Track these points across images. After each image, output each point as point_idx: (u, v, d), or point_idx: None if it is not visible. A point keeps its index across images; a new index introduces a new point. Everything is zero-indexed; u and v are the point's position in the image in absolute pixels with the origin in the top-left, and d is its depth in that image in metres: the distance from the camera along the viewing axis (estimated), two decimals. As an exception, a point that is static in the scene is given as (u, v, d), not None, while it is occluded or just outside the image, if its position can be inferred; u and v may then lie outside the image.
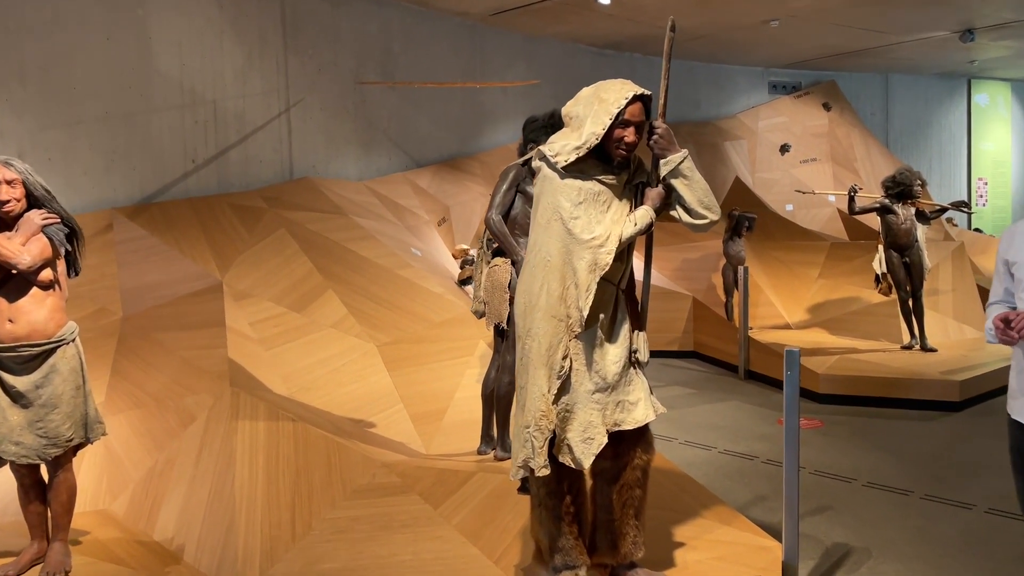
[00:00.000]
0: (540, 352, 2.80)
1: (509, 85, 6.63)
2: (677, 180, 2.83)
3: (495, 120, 9.23)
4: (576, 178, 2.78)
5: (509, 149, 9.24)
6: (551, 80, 9.85)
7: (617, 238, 2.75)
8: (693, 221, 2.87)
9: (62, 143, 5.32)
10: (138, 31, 5.73)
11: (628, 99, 2.75)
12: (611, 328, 2.88)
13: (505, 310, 4.41)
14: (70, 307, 5.26)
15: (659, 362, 8.46)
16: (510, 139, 9.35)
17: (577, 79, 10.26)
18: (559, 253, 2.78)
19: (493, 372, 4.52)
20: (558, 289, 2.79)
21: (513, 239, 4.36)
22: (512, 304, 4.41)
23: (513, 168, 4.46)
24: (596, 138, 2.74)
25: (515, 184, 4.42)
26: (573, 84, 10.24)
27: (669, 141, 2.82)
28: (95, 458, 4.09)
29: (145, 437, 4.11)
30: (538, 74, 9.70)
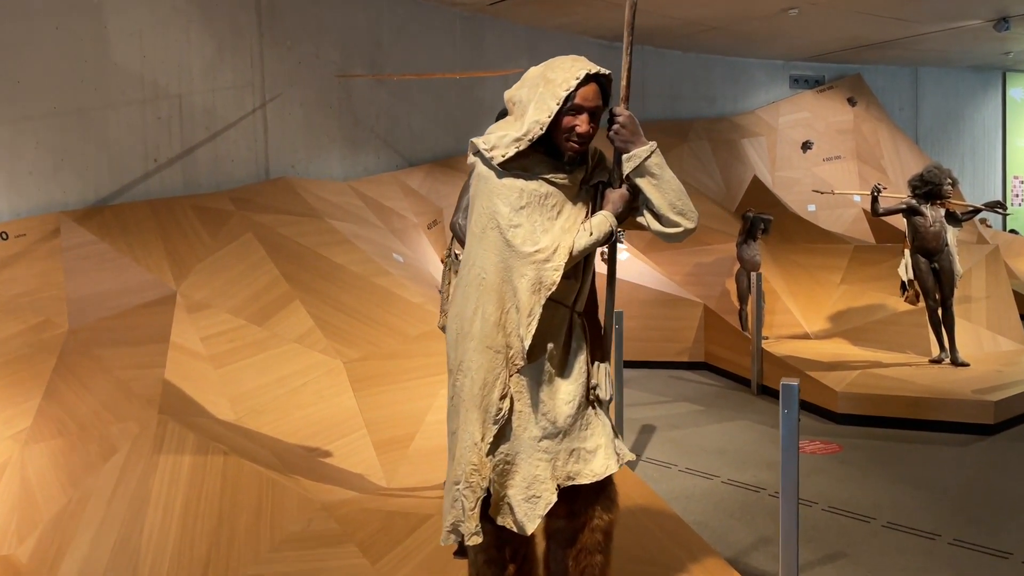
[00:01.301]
0: (473, 391, 2.29)
1: (493, 75, 6.15)
2: (643, 180, 2.30)
3: (494, 115, 8.70)
4: (518, 177, 2.26)
5: (509, 147, 8.73)
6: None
7: (567, 250, 2.23)
8: (664, 229, 2.34)
9: (4, 141, 4.91)
10: (92, 20, 5.30)
11: (579, 79, 2.23)
12: (563, 360, 2.36)
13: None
14: (11, 317, 4.87)
15: (666, 374, 7.91)
16: (510, 136, 8.83)
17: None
18: (496, 269, 2.27)
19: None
20: (495, 314, 2.28)
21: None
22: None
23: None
24: (540, 128, 2.23)
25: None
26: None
27: (632, 131, 2.30)
28: (8, 494, 3.65)
29: (63, 471, 3.66)
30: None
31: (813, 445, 5.53)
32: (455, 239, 3.94)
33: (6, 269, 4.79)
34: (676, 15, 8.99)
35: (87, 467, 3.60)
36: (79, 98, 5.25)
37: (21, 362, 4.47)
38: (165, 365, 4.14)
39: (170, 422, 3.62)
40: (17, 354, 4.50)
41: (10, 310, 4.69)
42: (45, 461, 3.76)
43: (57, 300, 4.88)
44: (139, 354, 4.33)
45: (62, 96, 5.17)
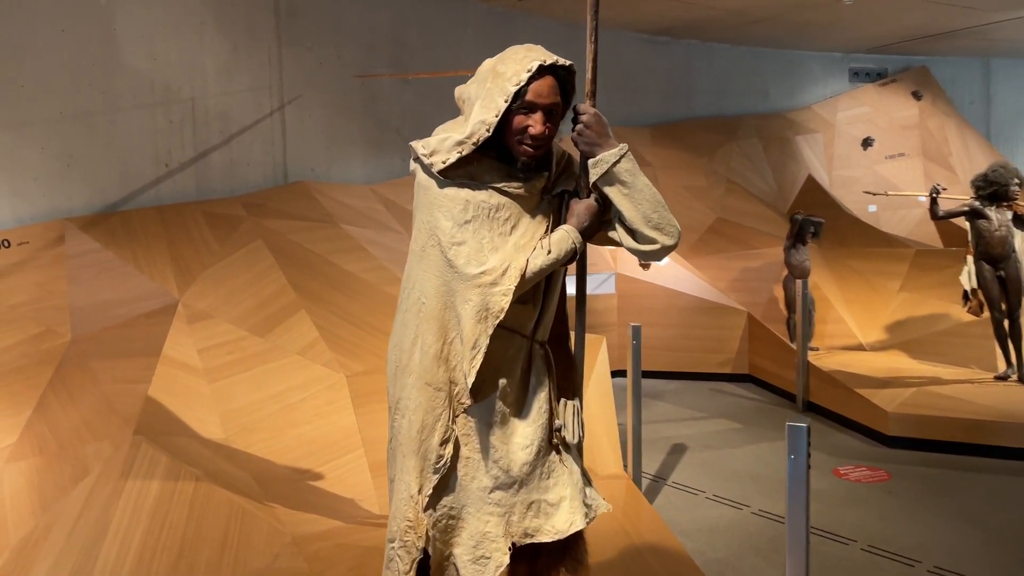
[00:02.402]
0: (410, 434, 1.99)
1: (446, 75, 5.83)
2: (612, 188, 1.96)
3: (529, 116, 8.38)
4: (463, 187, 1.95)
5: (544, 147, 8.40)
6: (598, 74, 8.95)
7: (518, 272, 1.91)
8: (638, 246, 2.00)
9: (7, 146, 4.82)
10: (100, 22, 5.19)
11: (531, 71, 1.91)
12: (520, 397, 2.04)
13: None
14: (12, 327, 4.78)
15: (707, 387, 7.47)
16: (545, 136, 8.50)
17: (625, 71, 9.35)
18: (437, 294, 1.97)
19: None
20: (435, 345, 1.97)
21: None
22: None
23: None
24: (487, 129, 1.91)
25: None
26: (620, 77, 9.25)
27: (599, 132, 1.97)
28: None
29: (36, 492, 3.50)
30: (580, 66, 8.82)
31: (858, 472, 5.05)
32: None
33: (7, 278, 4.70)
34: (723, 6, 8.51)
35: (59, 490, 3.42)
36: (86, 102, 5.14)
37: (17, 374, 4.35)
38: (151, 380, 3.95)
39: (144, 443, 3.42)
40: (14, 365, 4.39)
41: (9, 320, 4.58)
42: (22, 481, 3.61)
43: (60, 309, 4.76)
44: (128, 368, 4.16)
45: (68, 100, 5.07)
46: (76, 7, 5.06)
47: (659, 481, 4.99)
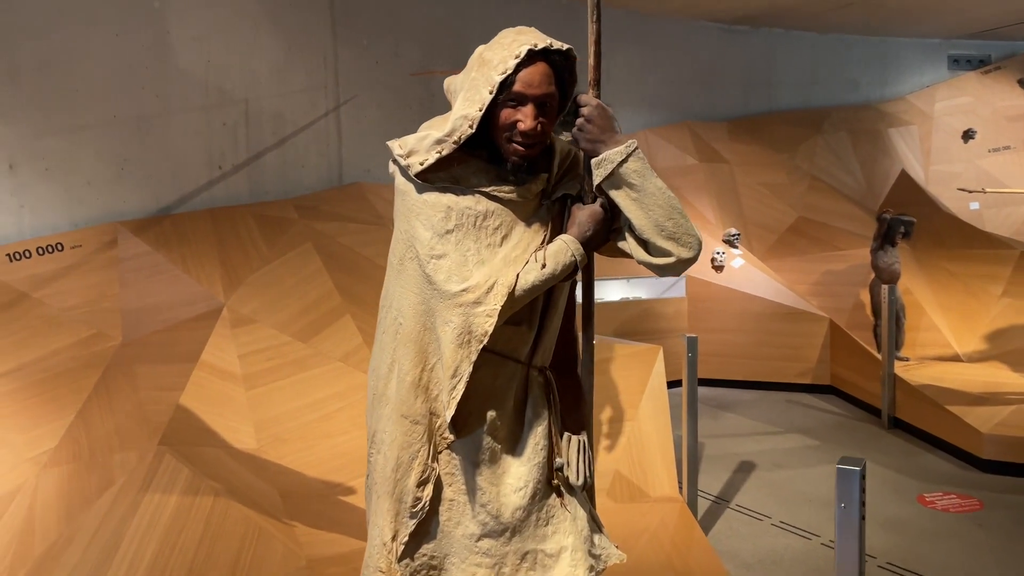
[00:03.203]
0: (385, 473, 1.77)
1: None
2: (619, 192, 1.68)
3: (596, 112, 8.06)
4: (445, 191, 1.71)
5: (612, 144, 8.07)
6: (668, 65, 8.57)
7: (506, 289, 1.65)
8: (651, 259, 1.72)
9: (62, 151, 4.86)
10: (154, 26, 5.19)
11: (519, 57, 1.65)
12: (514, 432, 1.79)
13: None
14: (64, 330, 4.82)
15: (783, 398, 6.99)
16: (614, 133, 8.17)
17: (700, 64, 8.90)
18: (415, 313, 1.73)
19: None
20: (413, 372, 1.74)
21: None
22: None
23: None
24: (470, 125, 1.67)
25: None
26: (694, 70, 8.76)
27: (602, 127, 1.69)
28: (13, 522, 3.48)
29: (64, 502, 3.45)
30: (652, 59, 8.45)
31: (946, 499, 4.56)
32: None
33: (60, 280, 4.73)
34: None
35: (84, 500, 3.37)
36: (140, 106, 5.14)
37: (65, 377, 4.37)
38: (184, 387, 3.87)
39: (167, 454, 3.33)
40: (63, 368, 4.41)
41: (62, 322, 4.61)
42: (53, 489, 3.58)
43: (111, 312, 4.78)
44: (166, 373, 4.11)
45: (122, 104, 5.08)
46: (130, 11, 5.07)
47: (720, 503, 4.63)
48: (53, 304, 4.64)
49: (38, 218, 4.79)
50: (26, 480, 3.68)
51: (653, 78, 8.46)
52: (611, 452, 4.21)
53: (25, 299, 4.58)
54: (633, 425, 4.31)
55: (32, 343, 4.42)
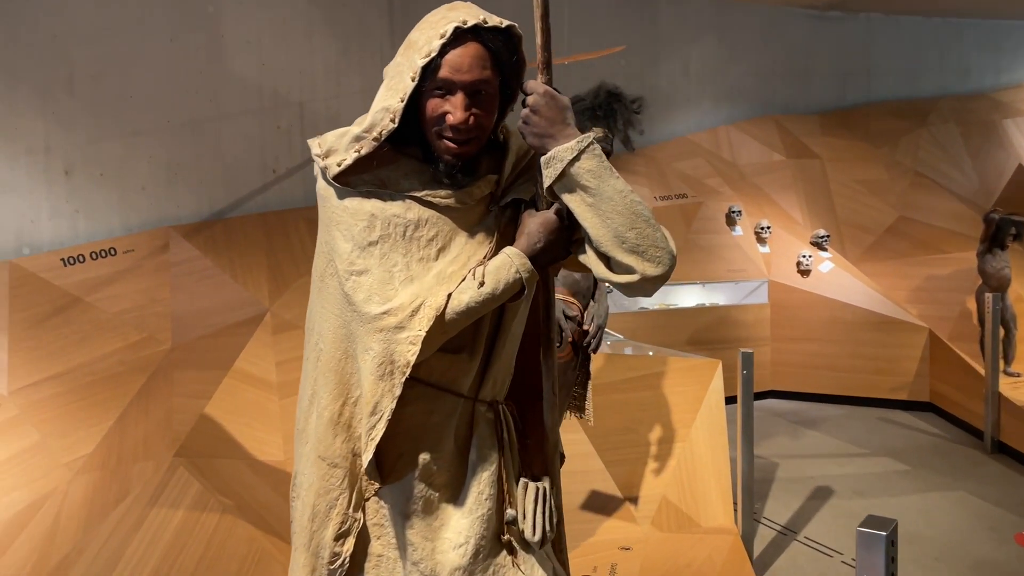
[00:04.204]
0: (302, 522, 1.54)
1: (594, 56, 5.14)
2: (573, 196, 1.40)
3: (672, 106, 7.66)
4: (369, 196, 1.47)
5: (689, 141, 7.65)
6: (752, 56, 8.05)
7: (433, 311, 1.39)
8: (613, 277, 1.42)
9: (116, 156, 4.91)
10: (208, 30, 5.19)
11: (445, 37, 1.39)
12: (455, 478, 1.53)
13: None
14: (114, 334, 4.87)
15: (876, 415, 6.41)
16: (691, 128, 7.74)
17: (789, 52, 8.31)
18: (335, 338, 1.50)
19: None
20: (332, 406, 1.51)
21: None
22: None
23: (540, 170, 3.11)
24: (392, 119, 1.42)
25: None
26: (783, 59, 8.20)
27: (551, 118, 1.41)
28: (39, 528, 3.48)
29: (85, 511, 3.41)
30: (734, 50, 7.96)
31: (1054, 542, 3.98)
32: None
33: (113, 285, 4.78)
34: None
35: (102, 511, 3.32)
36: (194, 110, 5.15)
37: (111, 381, 4.39)
38: (212, 396, 3.80)
39: (181, 467, 3.24)
40: (111, 372, 4.43)
41: (114, 326, 4.65)
42: (79, 496, 3.55)
43: (161, 317, 4.79)
44: (199, 380, 4.05)
45: (176, 109, 5.10)
46: (184, 16, 5.09)
47: (786, 535, 4.20)
48: (105, 308, 4.68)
49: (92, 223, 4.85)
50: (57, 486, 3.68)
51: (736, 70, 7.96)
52: (658, 476, 3.87)
53: (78, 303, 4.64)
54: (684, 447, 3.96)
55: (83, 346, 4.47)
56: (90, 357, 4.45)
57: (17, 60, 4.58)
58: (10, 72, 4.56)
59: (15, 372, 4.20)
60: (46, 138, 4.68)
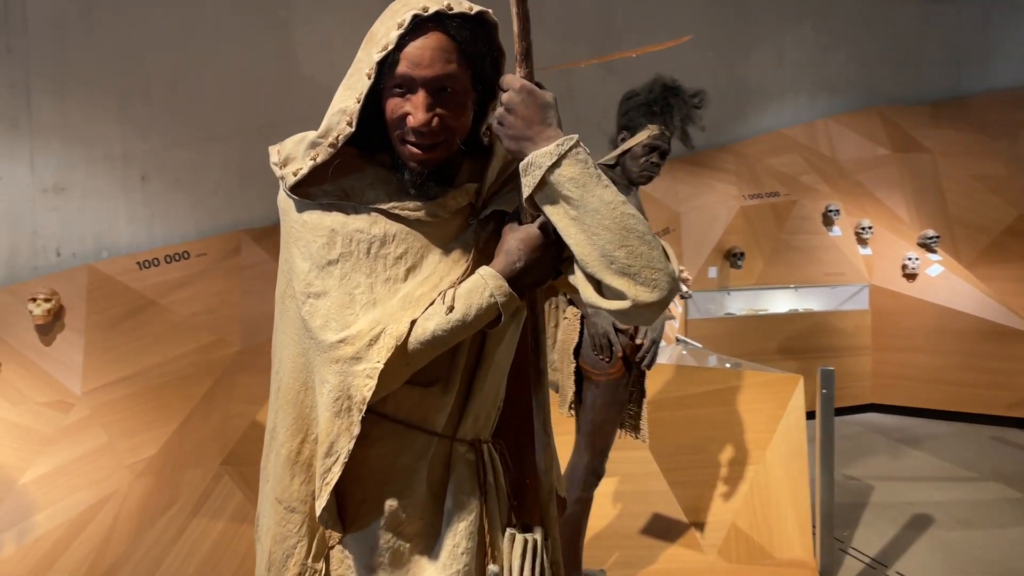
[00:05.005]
0: (260, 571, 1.40)
1: (658, 48, 4.82)
2: (555, 208, 1.20)
3: (764, 99, 7.23)
4: (330, 209, 1.31)
5: (783, 135, 7.20)
6: (853, 43, 7.50)
7: (394, 341, 1.22)
8: (601, 303, 1.21)
9: (190, 162, 4.99)
10: (279, 35, 5.21)
11: (403, 27, 1.21)
12: (428, 527, 1.35)
13: (570, 389, 2.91)
14: (186, 336, 4.95)
15: (988, 433, 5.83)
16: (784, 123, 7.29)
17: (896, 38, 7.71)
18: (293, 367, 1.35)
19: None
20: (290, 443, 1.36)
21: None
22: (578, 382, 2.91)
23: (590, 172, 2.90)
24: (349, 122, 1.26)
25: None
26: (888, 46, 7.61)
27: (528, 118, 1.21)
28: (98, 530, 3.52)
29: (136, 517, 3.44)
30: (833, 37, 7.43)
31: None
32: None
33: (186, 288, 4.86)
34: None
35: (152, 517, 3.33)
36: (265, 115, 5.18)
37: (181, 383, 4.45)
38: (265, 402, 3.76)
39: (226, 475, 3.20)
40: (181, 374, 4.50)
41: (186, 328, 4.73)
42: (136, 501, 3.59)
43: (232, 320, 4.84)
44: (260, 385, 4.04)
45: (248, 114, 5.14)
46: (256, 22, 5.12)
47: (876, 568, 3.81)
48: (178, 311, 4.76)
49: (167, 227, 4.94)
50: (118, 488, 3.73)
51: (835, 58, 7.43)
52: (728, 501, 3.58)
53: (152, 305, 4.74)
54: (758, 469, 3.64)
55: (155, 348, 4.55)
56: (162, 359, 4.52)
57: (97, 68, 4.71)
58: (90, 80, 4.70)
59: (89, 373, 4.31)
60: (123, 145, 4.80)
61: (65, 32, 4.63)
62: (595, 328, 2.81)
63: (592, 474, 2.93)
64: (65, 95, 4.65)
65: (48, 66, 4.61)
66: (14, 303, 4.36)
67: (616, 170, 2.97)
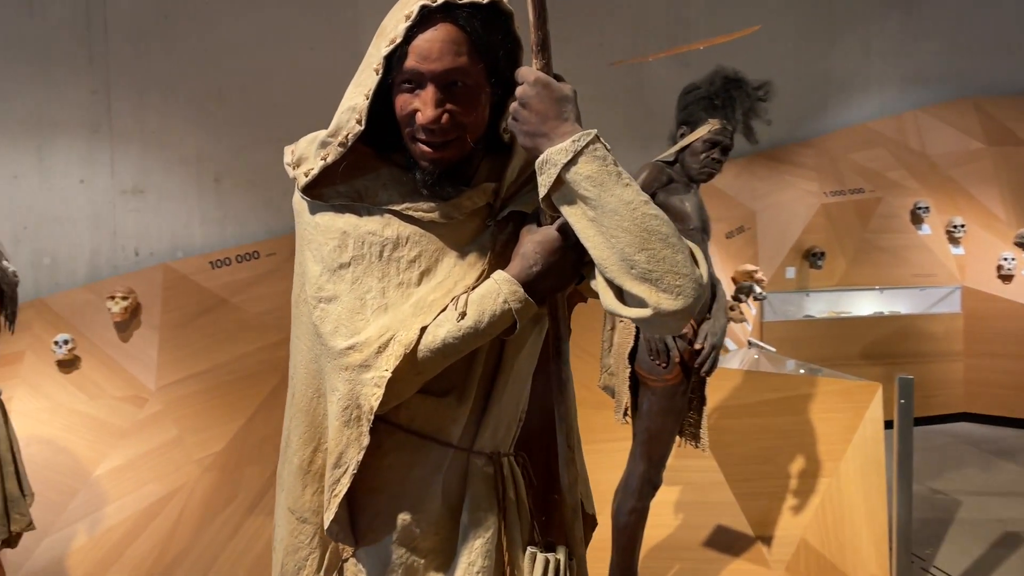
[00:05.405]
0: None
1: (727, 39, 4.56)
2: (573, 209, 1.12)
3: (849, 90, 6.89)
4: (343, 211, 1.26)
5: (868, 128, 6.85)
6: (947, 31, 7.08)
7: (402, 348, 1.17)
8: (623, 310, 1.13)
9: (263, 163, 5.09)
10: (348, 37, 5.26)
11: (411, 19, 1.14)
12: (444, 543, 1.29)
13: (625, 395, 2.82)
14: (255, 334, 5.05)
15: (1094, 449, 5.39)
16: (871, 115, 6.93)
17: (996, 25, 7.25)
18: (306, 374, 1.32)
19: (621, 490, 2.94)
20: (302, 452, 1.32)
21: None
22: (634, 387, 2.81)
23: (647, 168, 2.82)
24: (358, 120, 1.21)
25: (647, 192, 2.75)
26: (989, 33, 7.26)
27: (543, 113, 1.13)
28: (163, 524, 3.62)
29: (199, 512, 3.51)
30: (925, 25, 7.03)
31: None
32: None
33: (256, 287, 4.96)
34: None
35: (211, 515, 3.39)
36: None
37: (249, 379, 4.55)
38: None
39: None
40: (249, 371, 4.60)
41: (254, 327, 4.83)
42: (201, 496, 3.67)
43: (299, 318, 4.91)
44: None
45: (317, 116, 5.17)
46: (324, 25, 5.18)
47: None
48: (247, 309, 4.87)
49: (239, 227, 5.06)
50: (186, 483, 3.82)
51: (926, 47, 7.02)
52: (798, 515, 3.40)
53: (223, 304, 4.85)
54: (831, 482, 3.45)
55: (225, 346, 4.66)
56: (232, 356, 4.63)
57: (173, 74, 4.85)
58: (167, 85, 4.84)
59: (163, 369, 4.44)
60: (198, 147, 4.93)
61: (143, 40, 4.79)
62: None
63: (648, 484, 2.82)
64: (143, 101, 4.81)
65: (127, 73, 4.77)
66: (95, 301, 4.53)
67: (675, 167, 2.85)
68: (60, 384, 4.16)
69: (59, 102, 4.67)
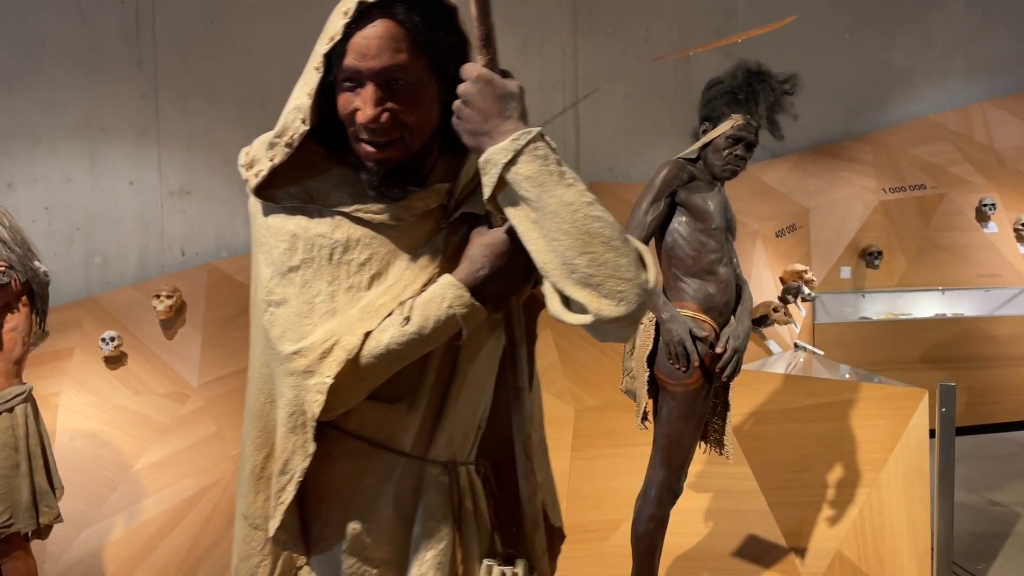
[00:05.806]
0: (231, 586, 1.35)
1: (765, 31, 4.34)
2: (516, 211, 1.08)
3: (911, 83, 6.60)
4: (293, 212, 1.24)
5: (931, 122, 6.55)
6: (1016, 19, 6.71)
7: (345, 354, 1.14)
8: (566, 316, 1.08)
9: (304, 164, 5.16)
10: (388, 36, 5.28)
11: (349, 16, 1.12)
12: (397, 553, 1.26)
13: (644, 399, 2.75)
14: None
15: None
16: (934, 108, 6.62)
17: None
18: (259, 378, 1.30)
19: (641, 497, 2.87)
20: (255, 457, 1.31)
21: (665, 282, 2.73)
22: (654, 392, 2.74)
23: (668, 165, 2.74)
24: (302, 119, 1.18)
25: (667, 191, 2.69)
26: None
27: (486, 111, 1.09)
28: (193, 522, 3.69)
29: (226, 511, 3.57)
30: (992, 14, 6.68)
31: None
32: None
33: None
34: None
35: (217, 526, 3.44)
36: (374, 116, 5.28)
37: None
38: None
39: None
40: (288, 370, 4.66)
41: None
42: (233, 492, 3.73)
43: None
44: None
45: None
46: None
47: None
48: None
49: (281, 227, 5.13)
50: (221, 478, 3.90)
51: (994, 36, 6.68)
52: (834, 526, 3.26)
53: (265, 303, 4.93)
54: (871, 493, 3.29)
55: (266, 344, 4.74)
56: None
57: (217, 77, 4.96)
58: (212, 88, 4.95)
59: (205, 366, 4.54)
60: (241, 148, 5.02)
61: (189, 44, 4.91)
62: (670, 335, 2.62)
63: (667, 491, 2.73)
64: (189, 104, 4.93)
65: (174, 77, 4.90)
66: (142, 299, 4.66)
67: (698, 165, 2.76)
68: (106, 380, 4.29)
69: (109, 107, 4.82)
